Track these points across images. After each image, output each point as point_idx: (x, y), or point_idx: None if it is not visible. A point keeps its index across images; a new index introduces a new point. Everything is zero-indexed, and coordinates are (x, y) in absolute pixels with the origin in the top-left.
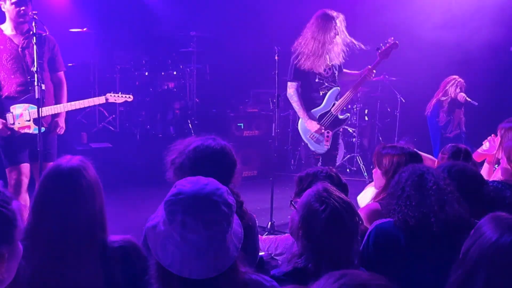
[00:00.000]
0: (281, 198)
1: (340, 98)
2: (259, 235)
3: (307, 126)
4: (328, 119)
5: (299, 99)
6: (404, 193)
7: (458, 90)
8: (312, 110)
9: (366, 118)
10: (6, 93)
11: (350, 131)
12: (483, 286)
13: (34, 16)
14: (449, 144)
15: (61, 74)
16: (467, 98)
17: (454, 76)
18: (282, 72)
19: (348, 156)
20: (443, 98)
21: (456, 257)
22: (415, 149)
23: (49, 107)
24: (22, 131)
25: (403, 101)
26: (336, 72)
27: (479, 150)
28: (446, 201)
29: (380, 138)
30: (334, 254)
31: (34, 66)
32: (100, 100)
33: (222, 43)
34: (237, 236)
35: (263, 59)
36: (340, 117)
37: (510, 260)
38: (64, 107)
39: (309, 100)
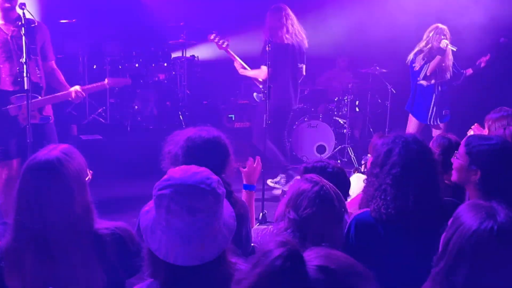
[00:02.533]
0: (272, 188)
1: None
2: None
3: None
4: None
5: None
6: (381, 185)
7: (441, 37)
8: None
9: (357, 109)
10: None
11: (341, 122)
12: (467, 276)
13: (23, 6)
14: (439, 135)
15: (53, 63)
16: (448, 44)
17: (437, 24)
18: (274, 63)
19: (339, 147)
20: (425, 47)
21: (436, 244)
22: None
23: (52, 96)
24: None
25: (394, 92)
26: None
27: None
28: (422, 190)
29: (371, 130)
30: (318, 233)
31: (23, 57)
32: (104, 84)
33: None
34: (228, 227)
35: (255, 49)
36: None
37: (492, 248)
38: (76, 92)
39: None
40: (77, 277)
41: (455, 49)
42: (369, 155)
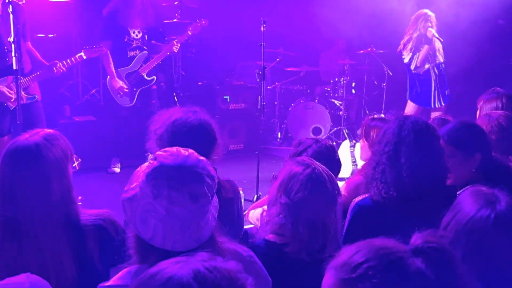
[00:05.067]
0: (267, 171)
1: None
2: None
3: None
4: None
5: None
6: (379, 166)
7: (428, 24)
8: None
9: (353, 91)
10: None
11: (337, 104)
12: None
13: None
14: (436, 117)
15: (29, 44)
16: (435, 34)
17: (425, 11)
18: (268, 44)
19: (335, 129)
20: (414, 35)
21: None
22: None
23: (35, 74)
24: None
25: (390, 74)
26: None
27: None
28: (423, 171)
29: (367, 111)
30: (311, 217)
31: (11, 36)
32: (79, 57)
33: (207, 14)
34: (213, 205)
35: (250, 30)
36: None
37: (487, 235)
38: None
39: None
40: (46, 266)
41: (441, 40)
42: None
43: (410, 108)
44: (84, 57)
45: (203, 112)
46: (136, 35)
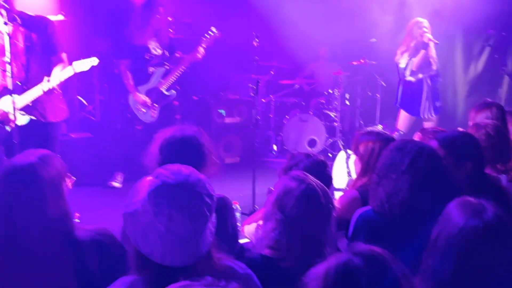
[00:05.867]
0: (263, 184)
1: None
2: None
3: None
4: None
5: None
6: (381, 179)
7: (424, 30)
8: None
9: (347, 103)
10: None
11: (332, 115)
12: (453, 273)
13: (4, 4)
14: (430, 128)
15: (63, 56)
16: (430, 37)
17: (417, 18)
18: (261, 58)
19: (331, 140)
20: (412, 44)
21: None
22: (392, 135)
23: (23, 95)
24: (12, 125)
25: (384, 84)
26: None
27: None
28: (421, 185)
29: (362, 122)
30: (306, 232)
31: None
32: (68, 72)
33: (201, 29)
34: (211, 221)
35: (242, 43)
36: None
37: (477, 245)
38: (32, 93)
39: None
40: (49, 284)
41: (437, 42)
42: (350, 152)
43: (402, 117)
44: (72, 72)
45: (193, 128)
46: (157, 51)
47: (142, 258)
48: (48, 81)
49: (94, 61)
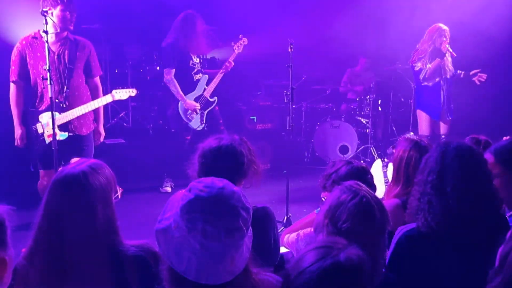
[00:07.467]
0: (296, 190)
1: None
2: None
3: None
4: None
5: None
6: (424, 197)
7: (443, 39)
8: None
9: (380, 109)
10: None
11: (364, 122)
12: None
13: (45, 13)
14: (469, 137)
15: (97, 79)
16: (449, 49)
17: (439, 25)
18: (296, 64)
19: (362, 147)
20: (429, 48)
21: (492, 258)
22: (426, 143)
23: (63, 114)
24: (50, 138)
25: None
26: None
27: None
28: (472, 200)
29: (394, 128)
30: (359, 246)
31: (46, 64)
32: (107, 99)
33: (231, 36)
34: (248, 236)
35: (274, 49)
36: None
37: None
38: (72, 113)
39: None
40: None
41: (455, 55)
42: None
43: (422, 120)
44: (111, 99)
45: (231, 137)
46: (196, 59)
47: (176, 276)
48: (87, 107)
49: (132, 92)
